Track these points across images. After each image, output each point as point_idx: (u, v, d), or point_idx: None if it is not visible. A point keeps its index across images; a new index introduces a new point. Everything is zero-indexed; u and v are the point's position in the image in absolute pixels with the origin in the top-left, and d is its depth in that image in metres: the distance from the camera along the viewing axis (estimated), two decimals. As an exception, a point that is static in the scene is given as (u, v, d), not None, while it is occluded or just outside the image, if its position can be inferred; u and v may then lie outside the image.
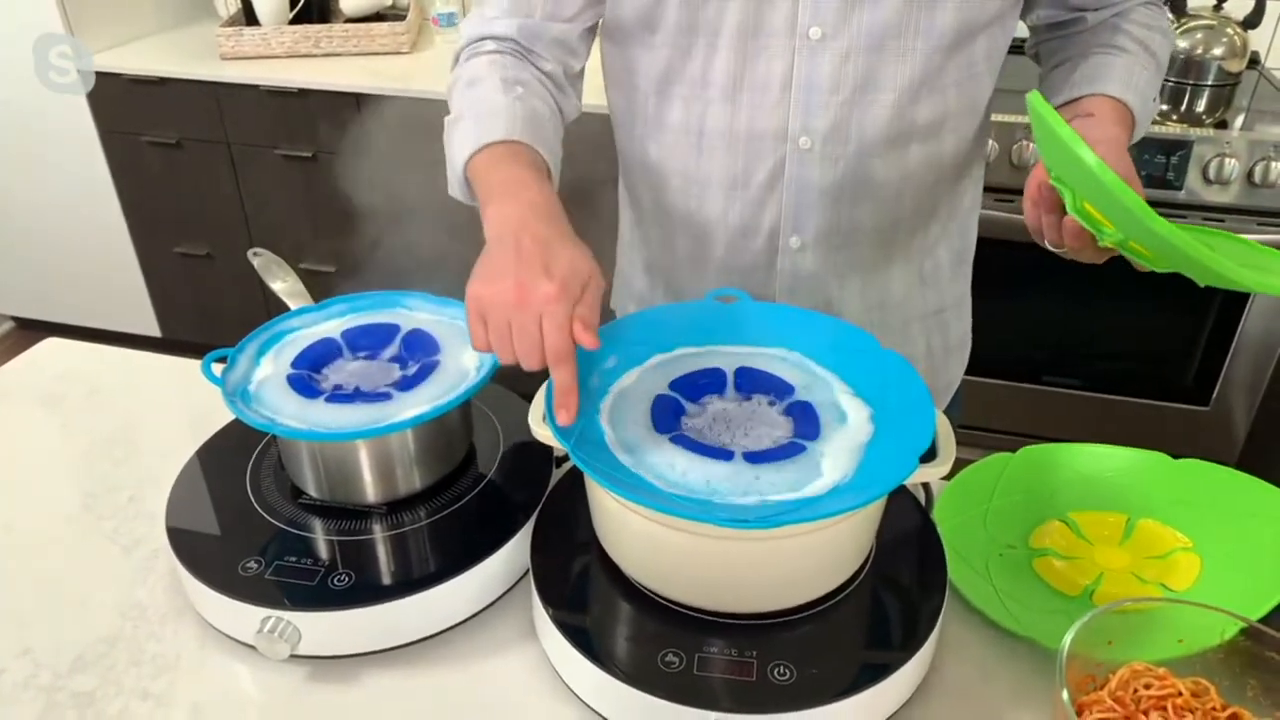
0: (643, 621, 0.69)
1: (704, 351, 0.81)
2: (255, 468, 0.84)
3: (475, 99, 0.85)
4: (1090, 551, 0.82)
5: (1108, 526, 0.84)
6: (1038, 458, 0.89)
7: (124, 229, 2.60)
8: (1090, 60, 0.88)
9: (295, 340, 0.85)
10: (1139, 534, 0.83)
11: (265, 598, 0.71)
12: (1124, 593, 0.78)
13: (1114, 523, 0.84)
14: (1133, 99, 0.86)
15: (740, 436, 0.72)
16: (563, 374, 0.67)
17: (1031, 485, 0.87)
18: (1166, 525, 0.83)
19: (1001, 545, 0.82)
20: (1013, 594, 0.77)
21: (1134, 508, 0.85)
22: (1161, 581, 0.78)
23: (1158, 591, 0.78)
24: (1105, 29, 0.92)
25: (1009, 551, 0.82)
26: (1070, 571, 0.80)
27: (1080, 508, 0.85)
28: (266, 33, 2.32)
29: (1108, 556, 0.81)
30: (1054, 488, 0.87)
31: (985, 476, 0.88)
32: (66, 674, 0.72)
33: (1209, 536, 0.81)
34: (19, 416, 1.05)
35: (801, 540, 0.65)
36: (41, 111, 2.45)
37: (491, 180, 0.79)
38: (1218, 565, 0.78)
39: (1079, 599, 0.77)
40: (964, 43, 0.85)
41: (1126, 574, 0.79)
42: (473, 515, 0.79)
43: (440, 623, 0.74)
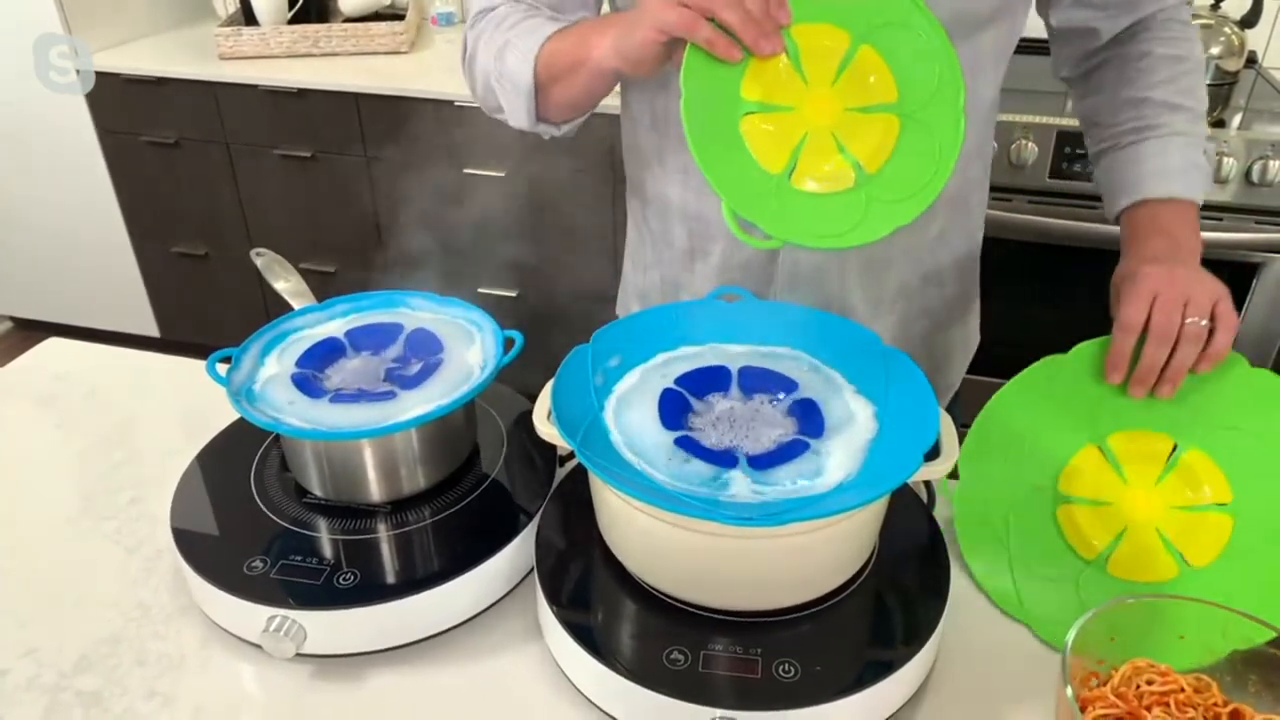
0: (647, 619, 0.70)
1: (708, 350, 0.81)
2: (259, 467, 0.84)
3: (515, 28, 0.87)
4: (1121, 494, 0.79)
5: (1148, 456, 0.80)
6: (1094, 356, 0.82)
7: (122, 229, 2.60)
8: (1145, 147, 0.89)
9: (299, 340, 0.85)
10: (1179, 473, 0.79)
11: (271, 597, 0.71)
12: (1141, 563, 0.76)
13: (1156, 451, 0.80)
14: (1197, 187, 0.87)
15: (744, 437, 0.72)
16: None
17: (1078, 393, 0.82)
18: (1212, 461, 0.79)
19: (1030, 484, 0.80)
20: (1024, 558, 0.76)
21: (1183, 430, 0.80)
22: (1182, 550, 0.77)
23: (1174, 567, 0.77)
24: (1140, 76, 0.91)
25: (1035, 494, 0.79)
26: (1093, 525, 0.78)
27: (1126, 424, 0.81)
28: (265, 32, 2.32)
29: (1137, 503, 0.78)
30: (1101, 396, 0.81)
31: (1034, 383, 0.82)
32: (71, 674, 0.73)
33: (1251, 493, 0.77)
34: (19, 417, 1.05)
35: (806, 538, 0.66)
36: (40, 111, 2.45)
37: (569, 34, 0.82)
38: (1248, 534, 0.76)
39: (1093, 565, 0.77)
40: (965, 36, 0.85)
41: (1149, 533, 0.77)
42: (477, 514, 0.79)
43: (445, 621, 0.74)
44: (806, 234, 0.72)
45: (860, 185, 0.71)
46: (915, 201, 0.71)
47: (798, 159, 0.72)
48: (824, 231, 0.72)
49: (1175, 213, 0.86)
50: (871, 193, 0.71)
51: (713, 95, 0.71)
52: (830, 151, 0.72)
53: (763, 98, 0.71)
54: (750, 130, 0.72)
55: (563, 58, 0.82)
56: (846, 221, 0.71)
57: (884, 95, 0.72)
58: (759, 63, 0.70)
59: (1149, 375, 0.78)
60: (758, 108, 0.72)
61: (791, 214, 0.71)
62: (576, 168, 2.12)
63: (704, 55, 0.69)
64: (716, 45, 0.69)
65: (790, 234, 0.71)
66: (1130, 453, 0.80)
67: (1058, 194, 1.89)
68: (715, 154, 0.71)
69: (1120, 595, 0.73)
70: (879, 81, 0.72)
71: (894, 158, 0.71)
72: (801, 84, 0.72)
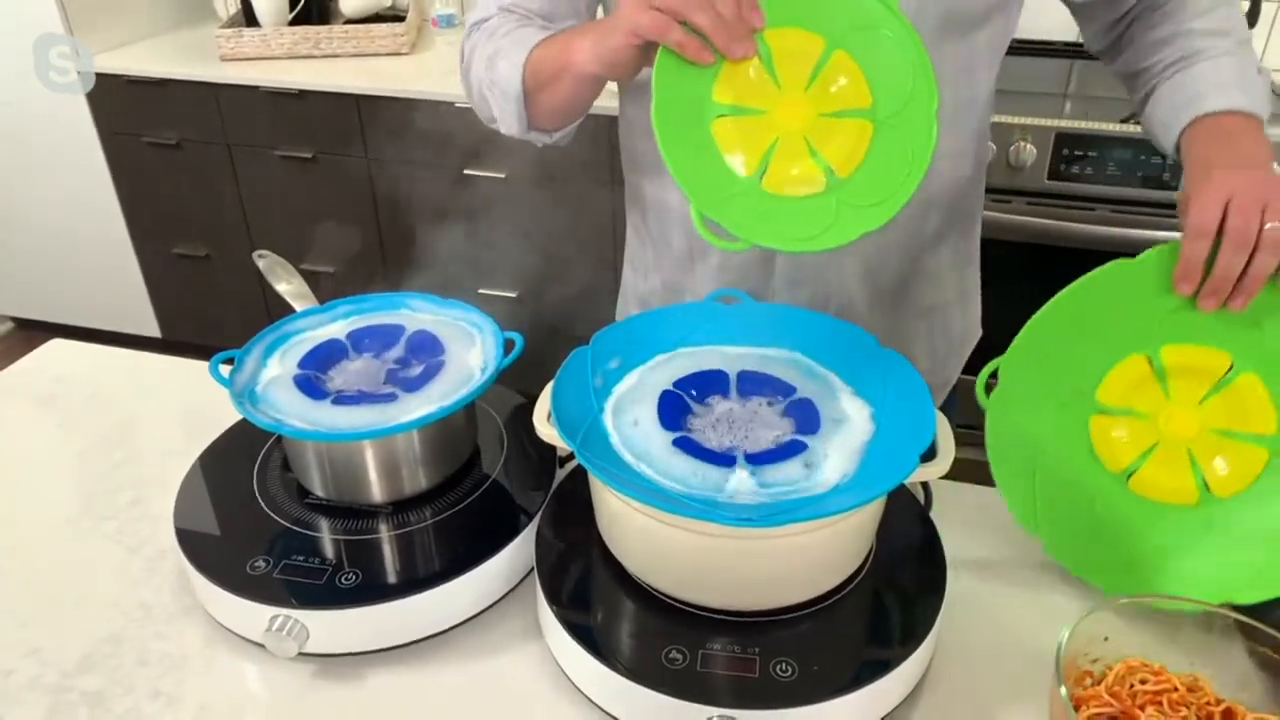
0: (646, 619, 0.70)
1: (706, 352, 0.82)
2: (262, 467, 0.85)
3: (506, 37, 0.88)
4: (1160, 408, 0.75)
5: (1199, 372, 0.75)
6: (1162, 264, 0.75)
7: (124, 229, 2.61)
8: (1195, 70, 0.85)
9: (301, 342, 0.86)
10: (1227, 395, 0.75)
11: (274, 597, 0.72)
12: (1163, 483, 0.74)
13: (1209, 368, 0.75)
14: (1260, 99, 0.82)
15: (742, 439, 0.72)
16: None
17: (1140, 302, 0.76)
18: (1265, 388, 0.74)
19: (1070, 388, 0.76)
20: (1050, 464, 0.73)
21: (1244, 351, 0.74)
22: (1209, 477, 0.74)
23: (1195, 493, 0.75)
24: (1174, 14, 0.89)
25: (1073, 399, 0.76)
26: (1125, 437, 0.75)
27: (1184, 337, 0.75)
28: (266, 34, 2.33)
29: (1175, 419, 0.75)
30: (1165, 307, 0.75)
31: (1096, 288, 0.77)
32: (74, 673, 0.73)
33: None
34: (21, 417, 1.05)
35: (803, 538, 0.66)
36: (42, 112, 2.46)
37: (555, 42, 0.83)
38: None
39: (1114, 480, 0.74)
40: (958, 34, 0.85)
41: (1180, 453, 0.74)
42: (477, 514, 0.80)
43: (446, 620, 0.75)
44: (774, 237, 0.72)
45: (831, 189, 0.71)
46: (885, 207, 0.71)
47: (769, 162, 0.72)
48: (792, 235, 0.72)
49: (1239, 124, 0.81)
50: (842, 197, 0.71)
51: (684, 97, 0.71)
52: (802, 155, 0.72)
53: (735, 101, 0.72)
54: (721, 133, 0.72)
55: (548, 65, 0.83)
56: (816, 225, 0.71)
57: (857, 100, 0.72)
58: (731, 66, 0.70)
59: (1223, 285, 0.72)
60: (729, 111, 0.72)
61: (760, 217, 0.72)
62: (576, 169, 2.13)
63: (676, 58, 0.69)
64: (687, 48, 0.69)
65: (758, 236, 0.71)
66: (1180, 367, 0.76)
67: (1056, 195, 1.90)
68: (685, 156, 0.71)
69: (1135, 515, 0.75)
70: (853, 86, 0.72)
71: (866, 162, 0.71)
72: (774, 88, 0.72)
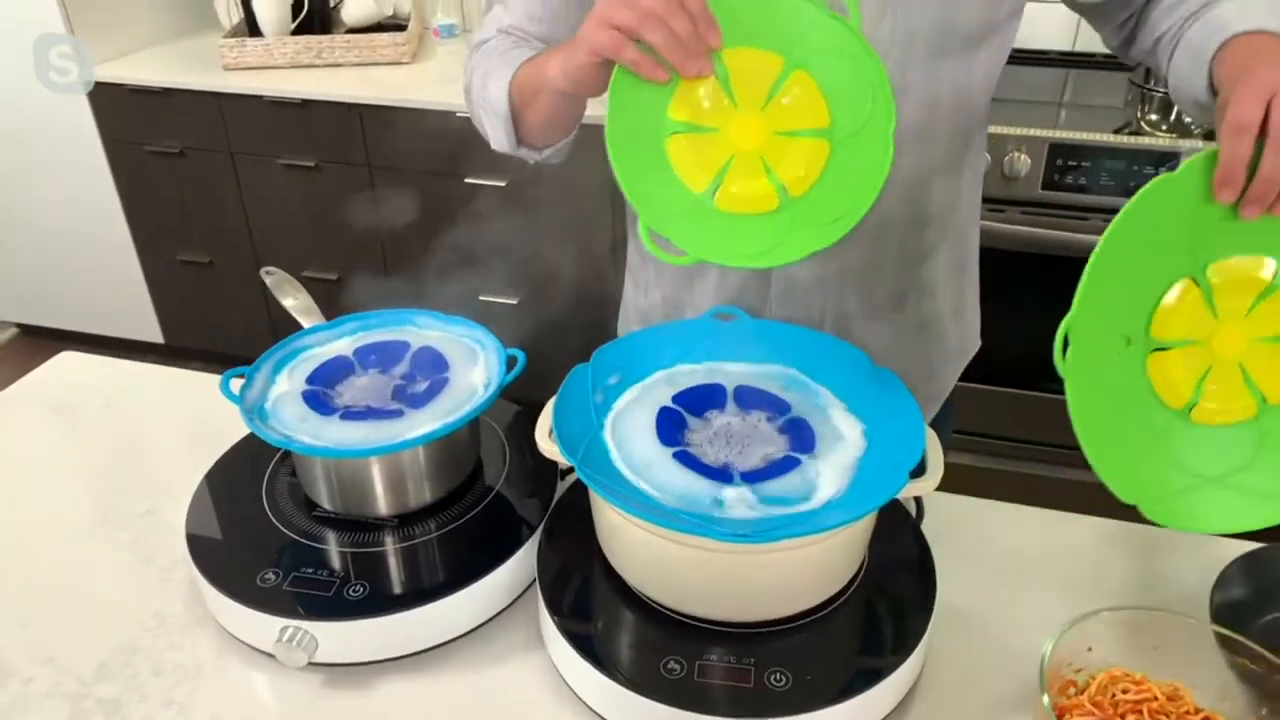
0: (645, 630, 0.73)
1: (705, 368, 0.84)
2: (271, 481, 0.87)
3: (501, 57, 0.90)
4: (1211, 330, 0.70)
5: (1244, 284, 0.70)
6: (1204, 171, 0.68)
7: (127, 236, 2.63)
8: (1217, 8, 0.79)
9: (309, 358, 0.88)
10: (1274, 300, 0.70)
11: (284, 608, 0.74)
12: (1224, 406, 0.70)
13: (1255, 279, 0.70)
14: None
15: (738, 454, 0.75)
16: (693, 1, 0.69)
17: (1183, 219, 0.69)
18: None
19: (1129, 329, 0.70)
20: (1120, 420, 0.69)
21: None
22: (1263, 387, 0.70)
23: (1254, 405, 0.71)
24: None
25: (1125, 351, 0.70)
26: (1182, 369, 0.70)
27: (1228, 250, 0.69)
28: (269, 43, 2.35)
29: (1226, 338, 0.70)
30: (1208, 220, 0.69)
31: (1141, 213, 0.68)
32: (91, 682, 0.75)
33: None
34: (36, 428, 1.07)
35: (797, 553, 0.69)
36: (46, 120, 2.48)
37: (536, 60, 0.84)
38: None
39: (1179, 415, 0.70)
40: (953, 54, 0.86)
41: (1234, 370, 0.70)
42: (481, 527, 0.82)
43: (451, 631, 0.77)
44: (724, 253, 0.73)
45: (784, 208, 0.72)
46: (836, 226, 0.72)
47: (723, 179, 0.73)
48: (740, 250, 0.73)
49: (1273, 43, 0.73)
50: (794, 215, 0.72)
51: (640, 114, 0.72)
52: (756, 173, 0.73)
53: (690, 118, 0.72)
54: (676, 149, 0.73)
55: (529, 81, 0.85)
56: (765, 242, 0.73)
57: (815, 121, 0.72)
58: (687, 84, 0.71)
59: (1268, 189, 0.64)
60: (685, 128, 0.73)
61: (710, 232, 0.73)
62: (577, 177, 2.15)
63: (632, 75, 0.71)
64: (641, 67, 0.70)
65: (707, 252, 0.73)
66: (1227, 283, 0.70)
67: (1050, 205, 1.92)
68: (638, 171, 0.73)
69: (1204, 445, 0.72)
70: (810, 107, 0.72)
71: (820, 182, 0.72)
72: (731, 106, 0.72)
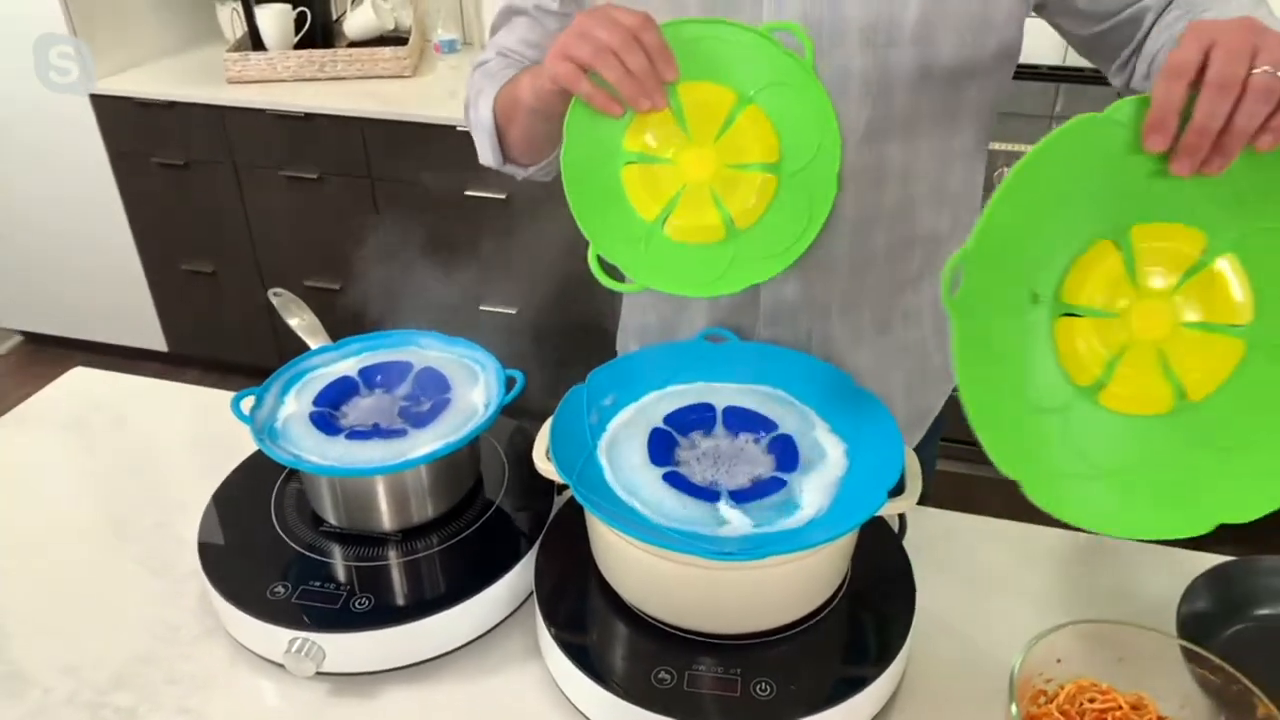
0: (637, 641, 0.76)
1: (695, 388, 0.88)
2: (279, 496, 0.90)
3: (493, 76, 0.94)
4: (1133, 305, 0.65)
5: (1171, 257, 0.64)
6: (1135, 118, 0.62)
7: (132, 246, 2.66)
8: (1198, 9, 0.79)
9: (316, 379, 0.91)
10: (1200, 281, 0.64)
11: (293, 620, 0.77)
12: (1137, 391, 0.65)
13: (1183, 253, 0.64)
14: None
15: (726, 474, 0.78)
16: (650, 36, 0.71)
17: (1109, 169, 0.63)
18: (1244, 271, 0.63)
19: (1035, 284, 0.65)
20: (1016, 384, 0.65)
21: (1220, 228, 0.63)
22: (1183, 378, 0.65)
23: (1169, 399, 0.65)
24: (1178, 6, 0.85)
25: (1031, 310, 0.66)
26: (1094, 343, 0.65)
27: (1155, 213, 0.64)
28: (272, 57, 2.39)
29: (1147, 316, 0.64)
30: (1135, 173, 0.63)
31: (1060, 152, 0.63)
32: (108, 690, 0.79)
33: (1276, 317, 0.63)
34: (48, 443, 1.11)
35: (781, 569, 0.72)
36: (53, 132, 2.52)
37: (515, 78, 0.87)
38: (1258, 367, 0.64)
39: (1084, 394, 0.66)
40: (939, 86, 0.88)
41: (1151, 354, 0.65)
42: (480, 542, 0.86)
43: (452, 642, 0.81)
44: (668, 281, 0.76)
45: (729, 239, 0.75)
46: (777, 260, 0.75)
47: (673, 209, 0.75)
48: (686, 280, 0.76)
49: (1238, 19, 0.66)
50: (739, 247, 0.75)
51: (595, 143, 0.75)
52: (706, 205, 0.75)
53: (643, 149, 0.75)
54: (630, 179, 0.76)
55: (509, 99, 0.88)
56: (710, 272, 0.76)
57: (765, 155, 0.75)
58: (642, 116, 0.73)
59: (1199, 140, 0.60)
60: (639, 158, 0.75)
61: (657, 261, 0.76)
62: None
63: (589, 105, 0.74)
64: (595, 100, 0.73)
65: (652, 280, 0.76)
66: (1151, 251, 0.64)
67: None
68: (591, 199, 0.75)
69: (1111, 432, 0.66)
70: (761, 141, 0.74)
71: (766, 215, 0.75)
72: (684, 138, 0.75)
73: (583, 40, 0.72)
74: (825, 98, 0.74)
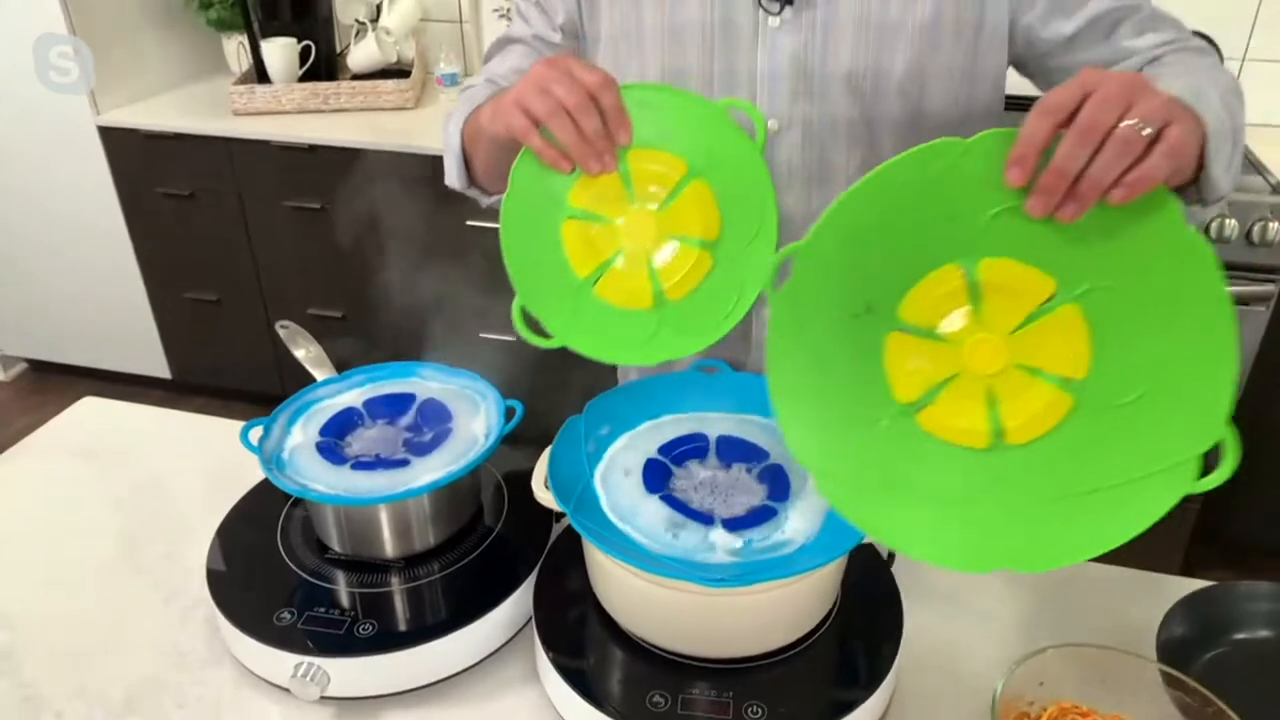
0: (633, 666, 0.78)
1: (689, 418, 0.91)
2: (285, 524, 0.93)
3: (471, 98, 0.96)
4: (968, 335, 0.64)
5: (1017, 296, 0.63)
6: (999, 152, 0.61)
7: (137, 275, 2.70)
8: None
9: (322, 409, 0.94)
10: (1045, 327, 0.63)
11: (298, 645, 0.80)
12: (956, 421, 0.65)
13: (1030, 292, 0.63)
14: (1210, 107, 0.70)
15: (720, 502, 0.81)
16: (609, 98, 0.71)
17: (967, 196, 0.62)
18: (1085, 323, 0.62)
19: (871, 294, 0.65)
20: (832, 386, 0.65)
21: (1071, 275, 0.62)
22: (1005, 419, 0.64)
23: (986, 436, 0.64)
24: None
25: (865, 317, 0.65)
26: (922, 363, 0.65)
27: (1007, 249, 0.63)
28: (277, 90, 2.43)
29: (982, 351, 0.64)
30: (993, 206, 0.62)
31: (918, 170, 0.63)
32: (119, 713, 0.81)
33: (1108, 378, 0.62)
34: (61, 472, 1.13)
35: (771, 595, 0.74)
36: (60, 163, 2.56)
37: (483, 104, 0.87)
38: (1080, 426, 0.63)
39: (902, 412, 0.65)
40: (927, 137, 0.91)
41: (979, 388, 0.64)
42: (481, 568, 0.88)
43: (453, 667, 0.83)
44: (587, 343, 0.75)
45: (656, 308, 0.75)
46: (699, 338, 0.74)
47: (607, 269, 0.75)
48: (605, 345, 0.75)
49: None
50: (664, 318, 0.75)
51: (539, 193, 0.75)
52: (639, 271, 0.75)
53: (587, 207, 0.75)
54: (569, 233, 0.75)
55: (475, 124, 0.89)
56: (632, 340, 0.75)
57: (704, 231, 0.74)
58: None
59: (1055, 182, 0.59)
60: (580, 215, 0.75)
61: (581, 321, 0.75)
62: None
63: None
64: (544, 155, 0.73)
65: (572, 338, 0.75)
66: (997, 287, 0.64)
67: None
68: (527, 248, 0.75)
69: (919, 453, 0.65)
70: (703, 217, 0.74)
71: (697, 290, 0.75)
72: (629, 202, 0.75)
73: (540, 95, 0.71)
74: (769, 185, 0.73)
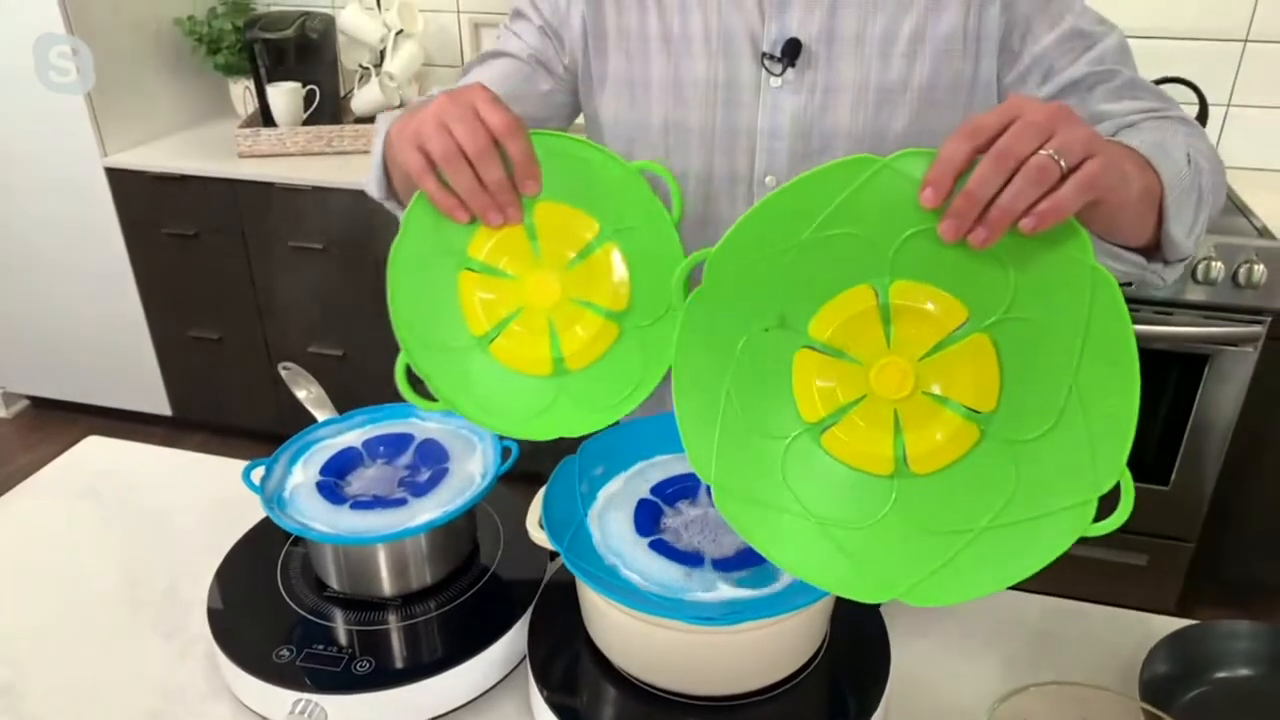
0: (626, 704, 0.80)
1: (681, 459, 0.92)
2: (284, 562, 0.95)
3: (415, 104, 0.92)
4: (878, 357, 0.63)
5: (928, 323, 0.62)
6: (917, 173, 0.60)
7: (140, 313, 2.73)
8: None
9: (322, 450, 0.96)
10: (952, 355, 0.62)
11: (296, 682, 0.81)
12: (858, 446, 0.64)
13: (941, 320, 0.62)
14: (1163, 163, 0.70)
15: (712, 542, 0.83)
16: (517, 144, 0.64)
17: (885, 214, 0.61)
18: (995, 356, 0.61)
19: (780, 309, 0.63)
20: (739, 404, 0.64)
21: (980, 305, 0.61)
22: (910, 447, 0.64)
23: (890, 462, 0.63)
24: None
25: (776, 331, 0.64)
26: (831, 384, 0.64)
27: (921, 273, 0.61)
28: (282, 133, 2.48)
29: (890, 375, 0.63)
30: (907, 227, 0.61)
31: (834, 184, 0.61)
32: (118, 751, 0.82)
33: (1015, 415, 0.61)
34: (65, 510, 1.15)
35: (761, 633, 0.76)
36: (66, 202, 2.60)
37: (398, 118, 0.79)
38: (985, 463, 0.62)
39: (806, 432, 0.64)
40: None
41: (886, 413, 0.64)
42: (477, 607, 0.90)
43: (449, 704, 0.84)
44: (476, 409, 0.68)
45: (555, 377, 0.69)
46: (597, 416, 0.69)
47: (504, 328, 0.68)
48: (496, 413, 0.68)
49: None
50: (562, 389, 0.69)
51: (435, 239, 0.67)
52: (539, 334, 0.68)
53: (488, 259, 0.68)
54: (466, 285, 0.68)
55: (392, 135, 0.80)
56: (524, 410, 0.68)
57: (612, 300, 0.69)
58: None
59: (967, 205, 0.58)
60: (479, 266, 0.68)
61: (471, 383, 0.68)
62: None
63: None
64: (439, 202, 0.66)
65: (459, 403, 0.67)
66: (910, 311, 0.62)
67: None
68: (417, 297, 0.68)
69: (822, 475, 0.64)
70: (612, 284, 0.68)
71: (599, 364, 0.69)
72: (533, 258, 0.68)
73: (438, 134, 0.64)
74: (683, 259, 0.66)
